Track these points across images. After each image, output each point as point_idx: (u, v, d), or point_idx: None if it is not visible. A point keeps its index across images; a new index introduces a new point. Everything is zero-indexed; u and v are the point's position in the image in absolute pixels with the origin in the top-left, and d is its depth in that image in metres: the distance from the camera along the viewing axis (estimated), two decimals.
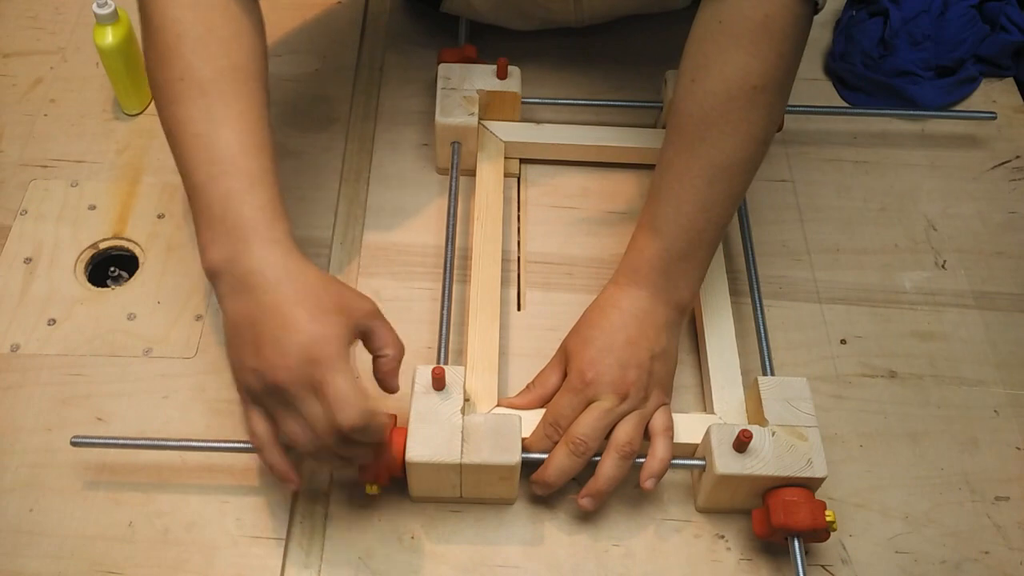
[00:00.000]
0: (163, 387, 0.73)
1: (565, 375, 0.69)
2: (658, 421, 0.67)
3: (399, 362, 0.63)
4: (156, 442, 0.68)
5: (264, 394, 0.59)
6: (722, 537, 0.68)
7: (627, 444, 0.65)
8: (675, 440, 0.68)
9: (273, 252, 0.59)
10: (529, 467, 0.67)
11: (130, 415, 0.72)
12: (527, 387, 0.71)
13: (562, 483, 0.66)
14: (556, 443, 0.66)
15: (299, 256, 0.61)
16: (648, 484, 0.65)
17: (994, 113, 0.91)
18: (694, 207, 0.67)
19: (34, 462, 0.69)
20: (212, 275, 0.61)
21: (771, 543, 0.68)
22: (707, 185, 0.67)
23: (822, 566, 0.67)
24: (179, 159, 0.63)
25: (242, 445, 0.67)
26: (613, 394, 0.65)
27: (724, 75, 0.65)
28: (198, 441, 0.69)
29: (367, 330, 0.62)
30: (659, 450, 0.66)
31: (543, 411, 0.70)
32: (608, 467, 0.65)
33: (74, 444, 0.66)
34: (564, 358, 0.70)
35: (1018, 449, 0.74)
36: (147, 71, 0.65)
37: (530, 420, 0.69)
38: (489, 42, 0.93)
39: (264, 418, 0.61)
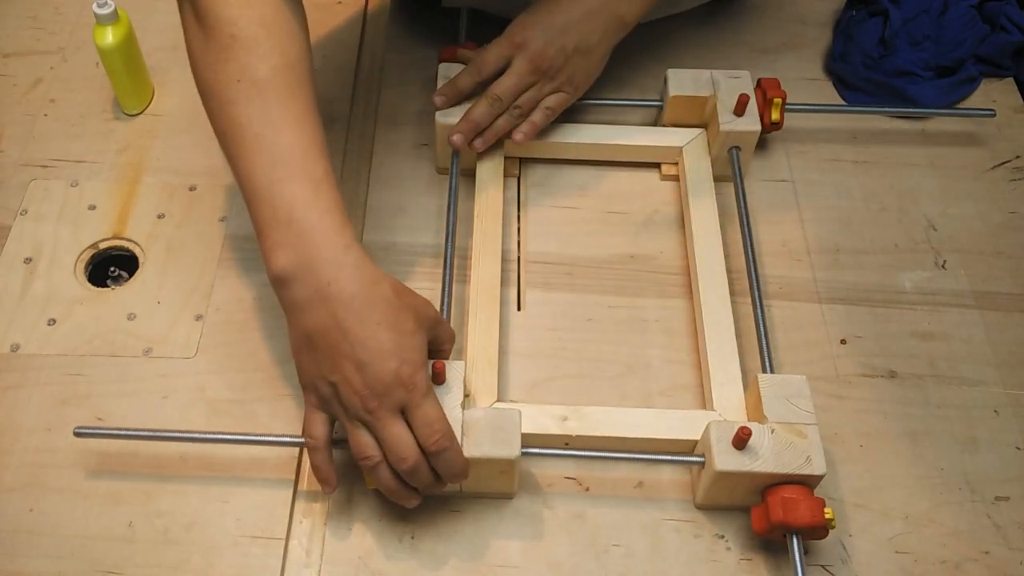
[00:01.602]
0: (163, 387, 0.73)
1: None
2: (552, 99, 0.81)
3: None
4: (158, 433, 0.68)
5: (338, 406, 0.60)
6: (722, 537, 0.68)
7: (512, 103, 0.80)
8: (674, 437, 0.69)
9: (346, 260, 0.59)
10: (530, 461, 0.67)
11: (130, 415, 0.72)
12: (473, 61, 0.81)
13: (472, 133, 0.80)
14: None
15: (370, 263, 0.61)
16: (518, 138, 0.81)
17: (993, 111, 0.91)
18: None
19: (34, 462, 0.69)
20: (280, 281, 0.60)
21: (771, 542, 0.68)
22: None
23: (822, 566, 0.67)
24: (236, 161, 0.62)
25: (243, 437, 0.67)
26: (528, 62, 0.78)
27: None
28: (200, 432, 0.69)
29: (434, 336, 0.64)
30: (536, 116, 0.81)
31: (542, 406, 0.70)
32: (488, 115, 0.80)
33: (77, 435, 0.66)
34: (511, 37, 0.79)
35: (1018, 449, 0.74)
36: (197, 72, 0.64)
37: (530, 414, 0.69)
38: (490, 41, 0.92)
39: (326, 423, 0.62)
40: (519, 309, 0.80)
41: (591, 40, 0.79)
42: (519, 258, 0.83)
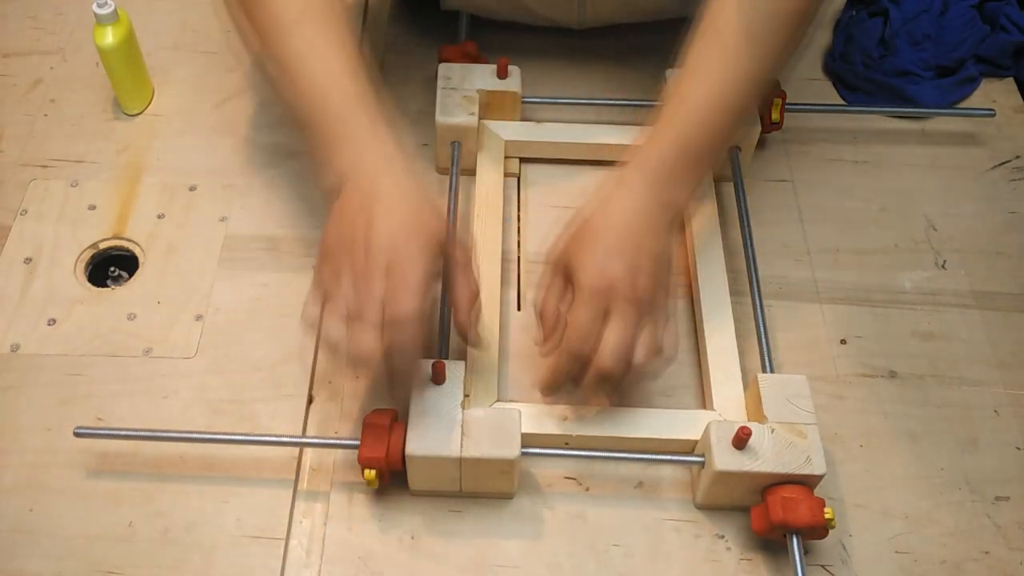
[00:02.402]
0: (163, 387, 0.73)
1: (562, 283, 0.68)
2: (667, 339, 0.67)
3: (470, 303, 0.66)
4: (158, 433, 0.68)
5: (342, 266, 0.62)
6: (722, 537, 0.68)
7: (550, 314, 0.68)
8: (674, 437, 0.69)
9: (386, 162, 0.66)
10: (530, 461, 0.67)
11: (130, 415, 0.72)
12: (542, 322, 0.69)
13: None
14: (582, 371, 0.66)
15: (409, 170, 0.66)
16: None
17: (993, 111, 0.91)
18: (717, 113, 0.69)
19: (34, 462, 0.69)
20: (332, 192, 0.66)
21: (771, 542, 0.68)
22: (734, 94, 0.69)
23: (822, 566, 0.67)
24: (283, 94, 0.70)
25: (243, 437, 0.67)
26: (629, 305, 0.64)
27: (775, 4, 0.68)
28: (200, 432, 0.69)
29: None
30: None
31: (542, 406, 0.70)
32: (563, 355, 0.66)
33: (77, 435, 0.66)
34: (562, 269, 0.68)
35: (1018, 449, 0.74)
36: (236, 20, 0.73)
37: (530, 414, 0.69)
38: (489, 41, 0.93)
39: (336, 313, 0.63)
40: (519, 309, 0.80)
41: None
42: (519, 258, 0.83)
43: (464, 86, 0.84)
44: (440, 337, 0.73)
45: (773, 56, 0.70)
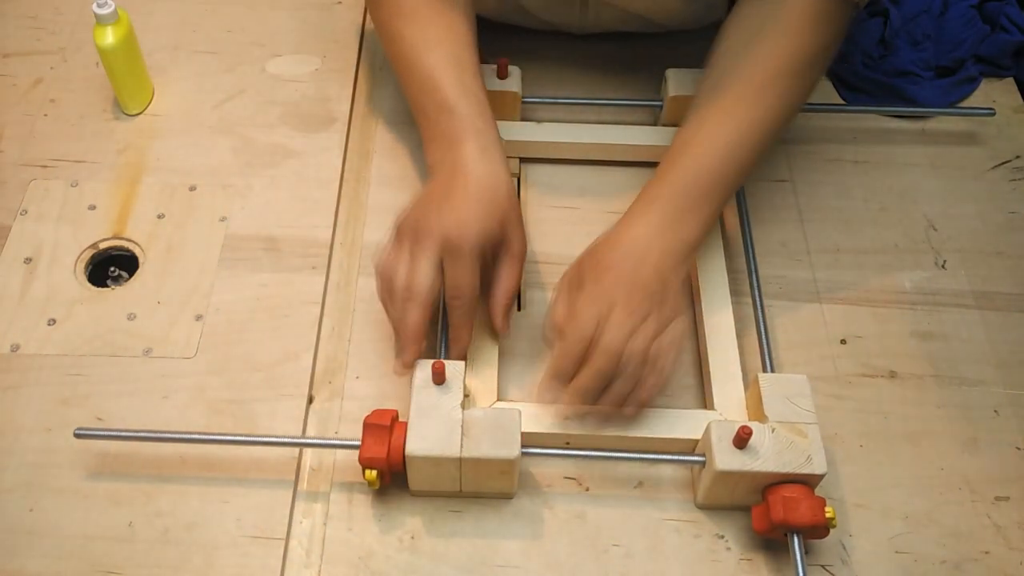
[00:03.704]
0: (163, 387, 0.73)
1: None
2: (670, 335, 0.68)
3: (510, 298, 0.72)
4: (158, 434, 0.68)
5: (404, 243, 0.68)
6: (722, 537, 0.68)
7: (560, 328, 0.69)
8: (674, 437, 0.69)
9: (473, 149, 0.70)
10: (529, 460, 0.67)
11: (130, 415, 0.72)
12: (552, 336, 0.69)
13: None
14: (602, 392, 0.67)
15: (499, 165, 0.71)
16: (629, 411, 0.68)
17: (992, 110, 0.91)
18: (725, 160, 0.71)
19: (34, 462, 0.69)
20: (433, 166, 0.73)
21: (771, 542, 0.68)
22: (746, 138, 0.72)
23: (822, 566, 0.67)
24: (400, 82, 0.78)
25: (243, 437, 0.67)
26: (633, 298, 0.66)
27: (790, 49, 0.72)
28: (200, 433, 0.69)
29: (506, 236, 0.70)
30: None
31: (541, 406, 0.70)
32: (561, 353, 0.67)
33: (77, 436, 0.66)
34: (573, 288, 0.69)
35: (1018, 449, 0.74)
36: (372, 14, 0.83)
37: (530, 414, 0.69)
38: (489, 42, 0.92)
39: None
40: (519, 309, 0.80)
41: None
42: None
43: None
44: (439, 339, 0.73)
45: (789, 105, 0.74)
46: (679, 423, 0.70)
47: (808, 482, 0.65)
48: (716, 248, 0.79)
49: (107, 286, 0.80)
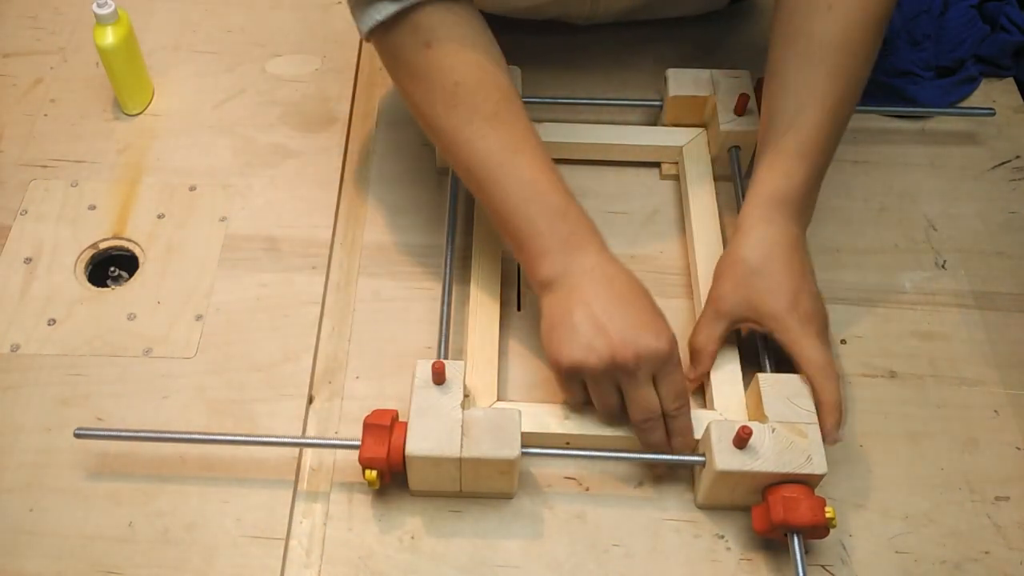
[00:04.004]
0: (163, 387, 0.73)
1: (726, 329, 0.71)
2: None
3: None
4: (158, 434, 0.68)
5: (609, 371, 0.65)
6: (722, 537, 0.68)
7: (832, 367, 0.68)
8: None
9: (602, 254, 0.68)
10: (529, 461, 0.67)
11: (130, 415, 0.72)
12: (695, 357, 0.72)
13: None
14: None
15: (615, 258, 0.69)
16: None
17: (992, 110, 0.91)
18: (835, 129, 0.71)
19: (34, 462, 0.69)
20: (547, 284, 0.68)
21: (771, 542, 0.68)
22: (845, 106, 0.71)
23: (822, 566, 0.67)
24: (486, 190, 0.69)
25: (243, 438, 0.67)
26: (822, 323, 0.70)
27: (866, 4, 0.69)
28: (200, 433, 0.69)
29: None
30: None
31: (542, 406, 0.70)
32: (835, 392, 0.68)
33: (77, 436, 0.66)
34: (730, 313, 0.71)
35: (1018, 449, 0.74)
36: (427, 121, 0.70)
37: (530, 414, 0.69)
38: None
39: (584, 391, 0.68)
40: (519, 309, 0.80)
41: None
42: None
43: None
44: (439, 339, 0.73)
45: (869, 64, 0.71)
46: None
47: (808, 482, 0.65)
48: (716, 248, 0.79)
49: (107, 286, 0.80)
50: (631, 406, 0.66)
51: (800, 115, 0.70)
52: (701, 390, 0.75)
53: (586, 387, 0.67)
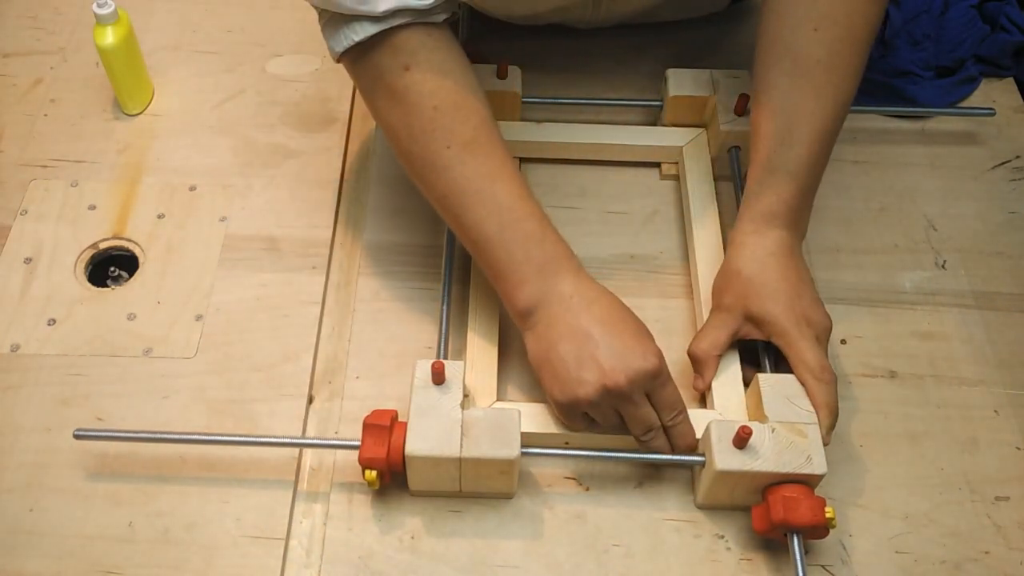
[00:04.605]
0: (163, 387, 0.73)
1: (731, 334, 0.72)
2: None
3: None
4: (158, 435, 0.68)
5: (597, 397, 0.64)
6: (722, 537, 0.68)
7: (828, 370, 0.68)
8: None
9: (580, 279, 0.68)
10: (529, 460, 0.67)
11: (130, 415, 0.72)
12: (698, 366, 0.72)
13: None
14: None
15: (595, 282, 0.69)
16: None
17: (992, 110, 0.91)
18: (823, 146, 0.71)
19: (34, 462, 0.69)
20: (526, 312, 0.67)
21: (771, 542, 0.68)
22: (832, 123, 0.72)
23: (822, 566, 0.67)
24: (461, 217, 0.68)
25: (243, 438, 0.67)
26: (821, 329, 0.70)
27: (851, 24, 0.69)
28: (200, 434, 0.69)
29: None
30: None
31: (542, 405, 0.70)
32: (829, 395, 0.68)
33: (76, 437, 0.66)
34: (731, 322, 0.71)
35: (1018, 449, 0.74)
36: (403, 147, 0.69)
37: (529, 414, 0.69)
38: (489, 42, 0.93)
39: (585, 419, 0.68)
40: None
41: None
42: None
43: None
44: (439, 339, 0.73)
45: (856, 81, 0.72)
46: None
47: (808, 482, 0.65)
48: (716, 248, 0.79)
49: (107, 286, 0.80)
50: (630, 424, 0.67)
51: (789, 135, 0.71)
52: None
53: (586, 412, 0.67)
